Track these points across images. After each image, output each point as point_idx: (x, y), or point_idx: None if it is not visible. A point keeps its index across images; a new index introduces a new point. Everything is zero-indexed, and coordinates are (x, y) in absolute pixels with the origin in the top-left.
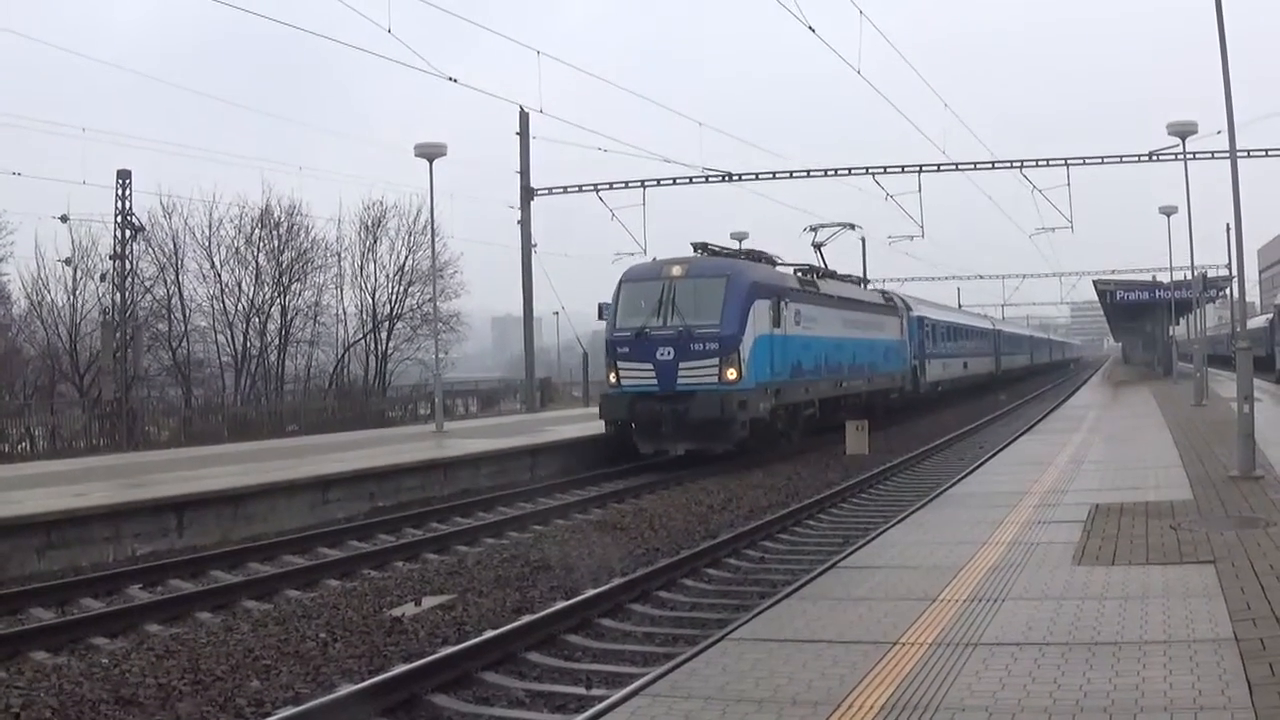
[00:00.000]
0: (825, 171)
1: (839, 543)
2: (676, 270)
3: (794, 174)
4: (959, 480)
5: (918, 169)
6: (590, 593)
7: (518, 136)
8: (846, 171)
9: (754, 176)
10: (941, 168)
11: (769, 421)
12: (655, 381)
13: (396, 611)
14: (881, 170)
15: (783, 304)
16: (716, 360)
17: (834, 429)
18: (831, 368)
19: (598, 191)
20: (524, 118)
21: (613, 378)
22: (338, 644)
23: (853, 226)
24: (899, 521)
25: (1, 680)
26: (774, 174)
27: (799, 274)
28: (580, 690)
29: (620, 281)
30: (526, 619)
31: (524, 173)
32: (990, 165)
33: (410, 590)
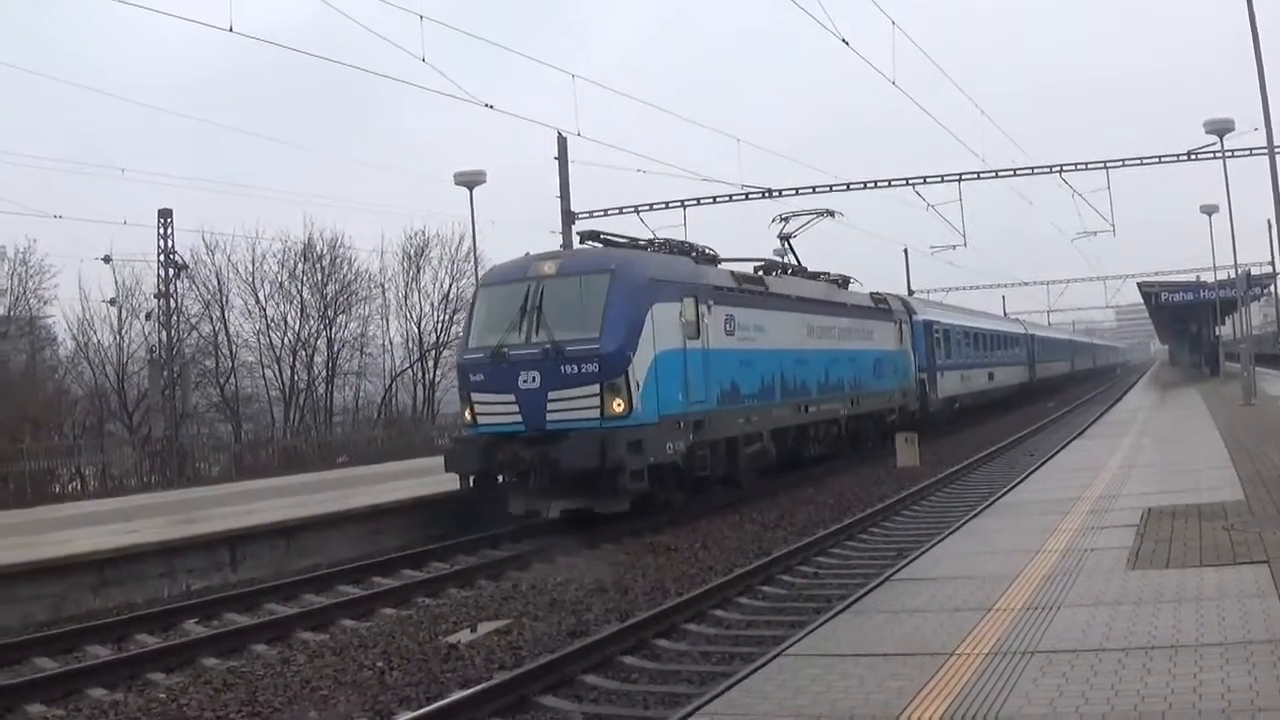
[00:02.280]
0: (865, 184)
1: (893, 555)
2: (547, 267)
3: (833, 187)
4: (1011, 489)
5: (957, 178)
6: (645, 614)
7: (556, 161)
8: (886, 183)
9: (794, 191)
10: (981, 175)
11: (684, 467)
12: (519, 418)
13: (452, 638)
14: (921, 180)
15: (704, 308)
16: (596, 387)
17: (801, 466)
18: (791, 388)
19: (638, 213)
20: (562, 142)
21: (467, 414)
22: (395, 672)
23: (830, 214)
24: (952, 532)
25: (61, 718)
26: (814, 188)
27: (739, 271)
28: (638, 712)
29: (477, 286)
30: (582, 642)
31: (564, 196)
32: (1029, 171)
33: (465, 617)
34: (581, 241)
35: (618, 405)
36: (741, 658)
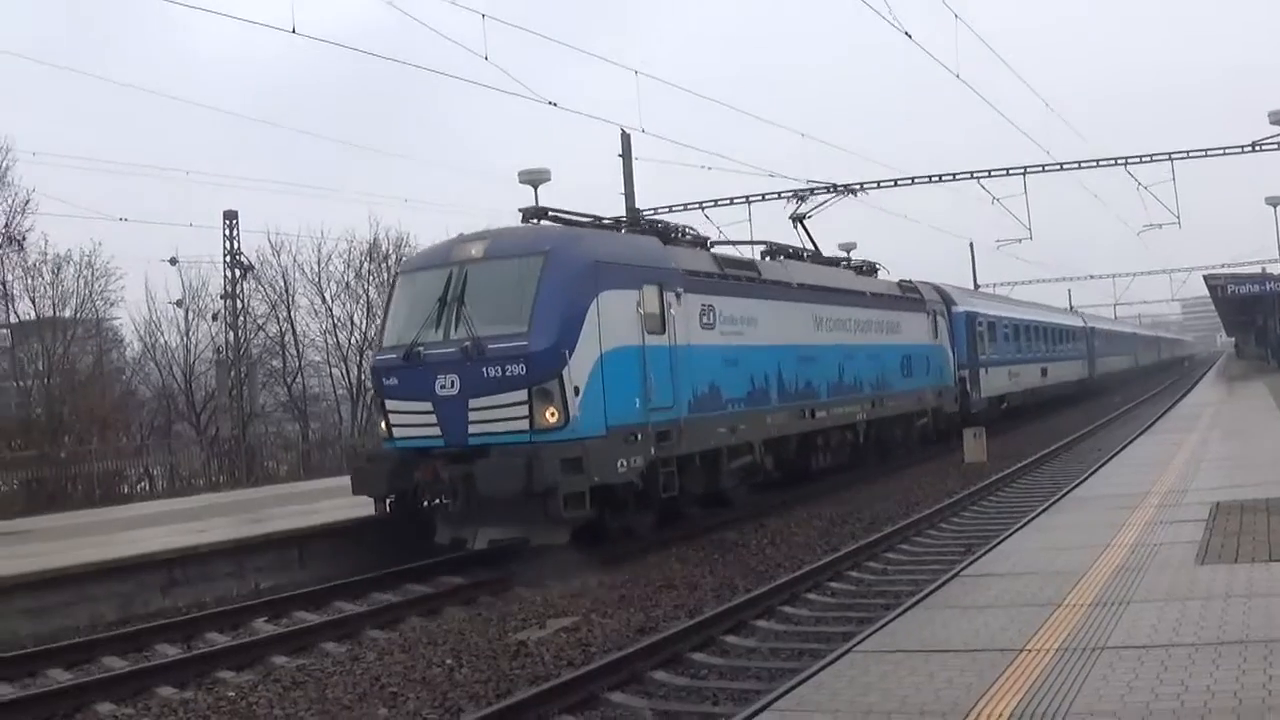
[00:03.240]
0: (929, 178)
1: (961, 551)
2: (474, 250)
3: (898, 182)
4: (1078, 484)
5: (1022, 170)
6: (714, 611)
7: (620, 158)
8: (950, 177)
9: (859, 186)
10: (1046, 168)
11: (644, 488)
12: (438, 430)
13: (521, 635)
14: (986, 174)
15: (672, 297)
16: (523, 392)
17: (802, 483)
18: (791, 390)
19: (703, 209)
20: (625, 139)
21: (383, 425)
22: (464, 669)
23: (852, 190)
24: (1020, 527)
25: (130, 716)
26: (878, 183)
27: (726, 255)
28: (707, 708)
29: (395, 274)
30: (651, 639)
31: (628, 194)
32: (1094, 164)
33: (534, 614)
34: (525, 220)
35: (550, 415)
36: (810, 654)
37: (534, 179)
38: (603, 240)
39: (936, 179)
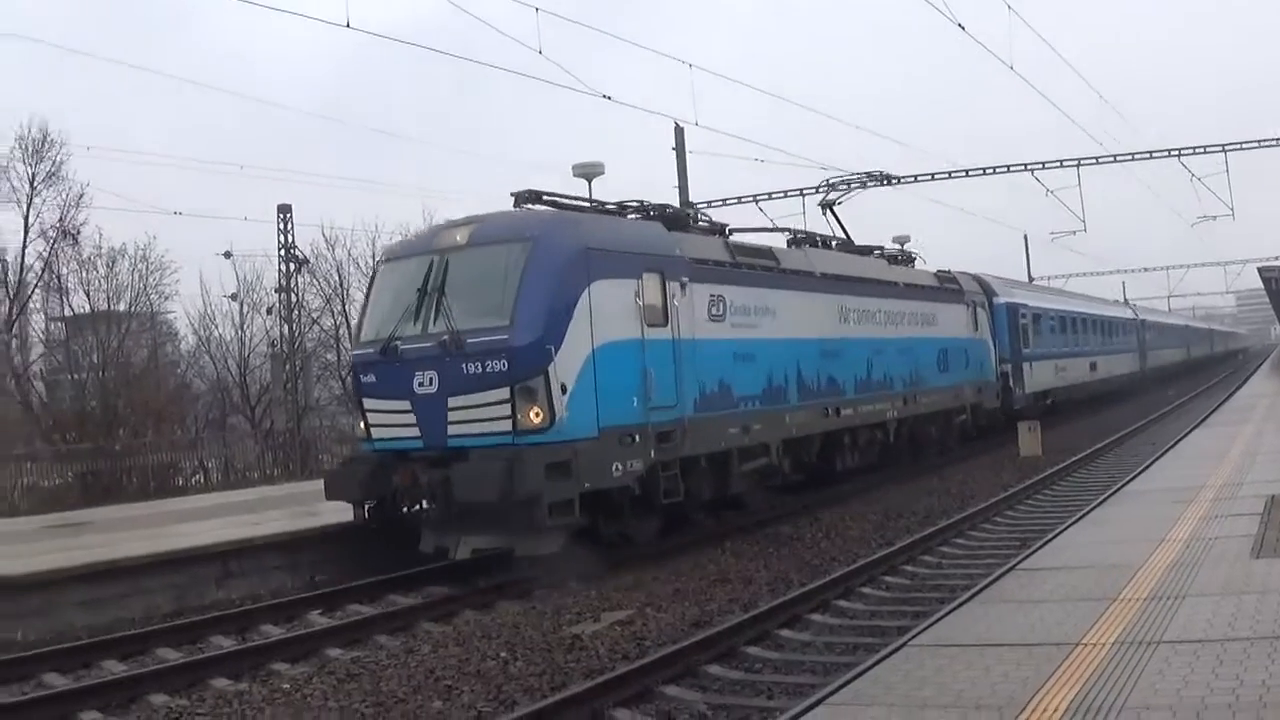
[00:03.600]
0: (984, 170)
1: (1016, 545)
2: (458, 236)
3: (952, 174)
4: (1133, 477)
5: (1076, 163)
6: (768, 604)
7: (674, 151)
8: (1005, 169)
9: (912, 179)
10: (1100, 160)
11: (642, 494)
12: (417, 431)
13: (576, 629)
14: (1039, 165)
15: (676, 286)
16: (505, 390)
17: (825, 484)
18: (814, 386)
19: (757, 202)
20: (679, 132)
21: (361, 426)
22: (518, 662)
23: (887, 178)
24: (1075, 521)
25: (184, 708)
26: (932, 175)
27: (742, 242)
28: (761, 702)
29: (377, 263)
30: (705, 632)
31: (682, 187)
32: (1148, 155)
33: (588, 607)
34: (516, 204)
35: (534, 415)
36: (865, 648)
37: (588, 173)
38: (596, 225)
39: (990, 170)
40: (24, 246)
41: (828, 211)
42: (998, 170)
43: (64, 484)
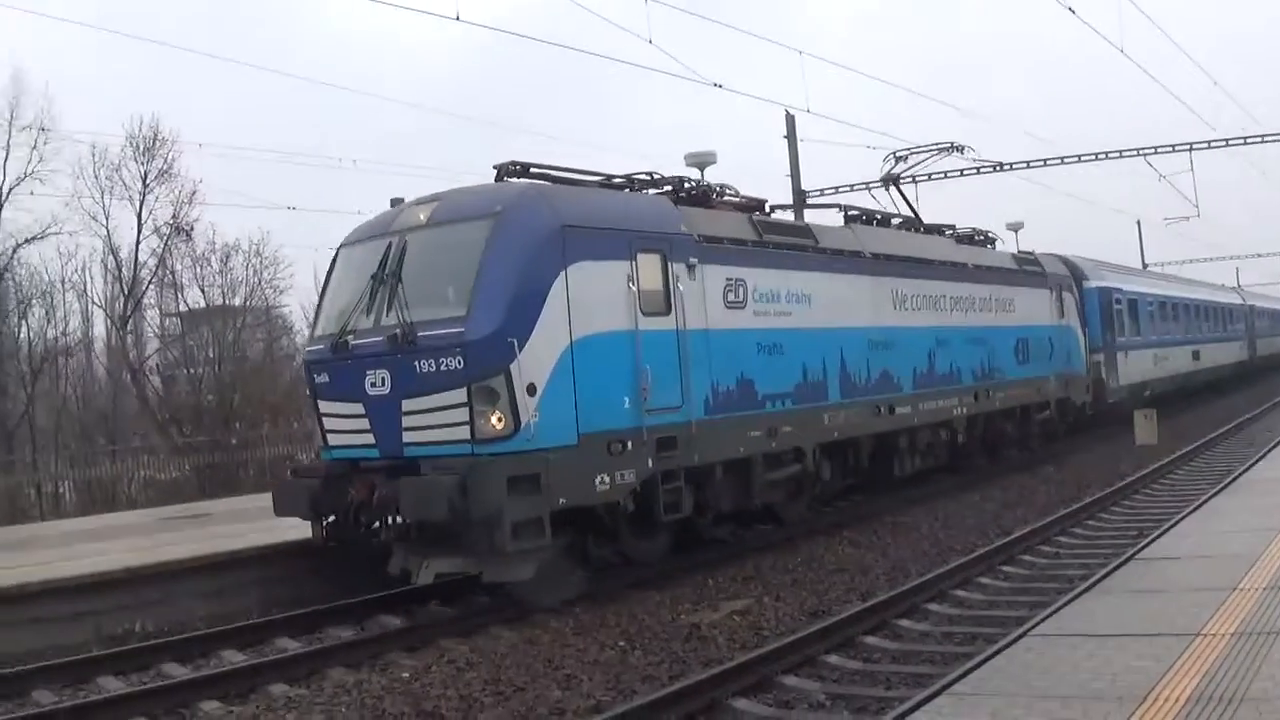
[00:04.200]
0: (1095, 155)
1: (1133, 535)
2: (420, 215)
3: (1064, 159)
4: (1251, 465)
5: (1188, 147)
6: (886, 594)
7: (785, 140)
8: (1117, 154)
9: (1024, 164)
10: (1212, 144)
11: (639, 510)
12: (372, 438)
13: (694, 618)
14: (1152, 150)
15: (681, 268)
16: (462, 392)
17: (896, 488)
18: (861, 381)
19: (869, 189)
20: (790, 120)
21: (318, 432)
22: (637, 652)
23: (958, 149)
24: (1192, 511)
25: (303, 697)
26: (1044, 161)
27: (769, 218)
28: (879, 692)
29: (337, 248)
30: (823, 622)
31: (794, 175)
32: (1260, 139)
33: (706, 596)
34: (499, 177)
35: (495, 420)
36: (984, 638)
37: (700, 161)
38: (577, 199)
39: (1102, 156)
40: (138, 243)
41: (891, 187)
42: (1109, 155)
43: (181, 477)
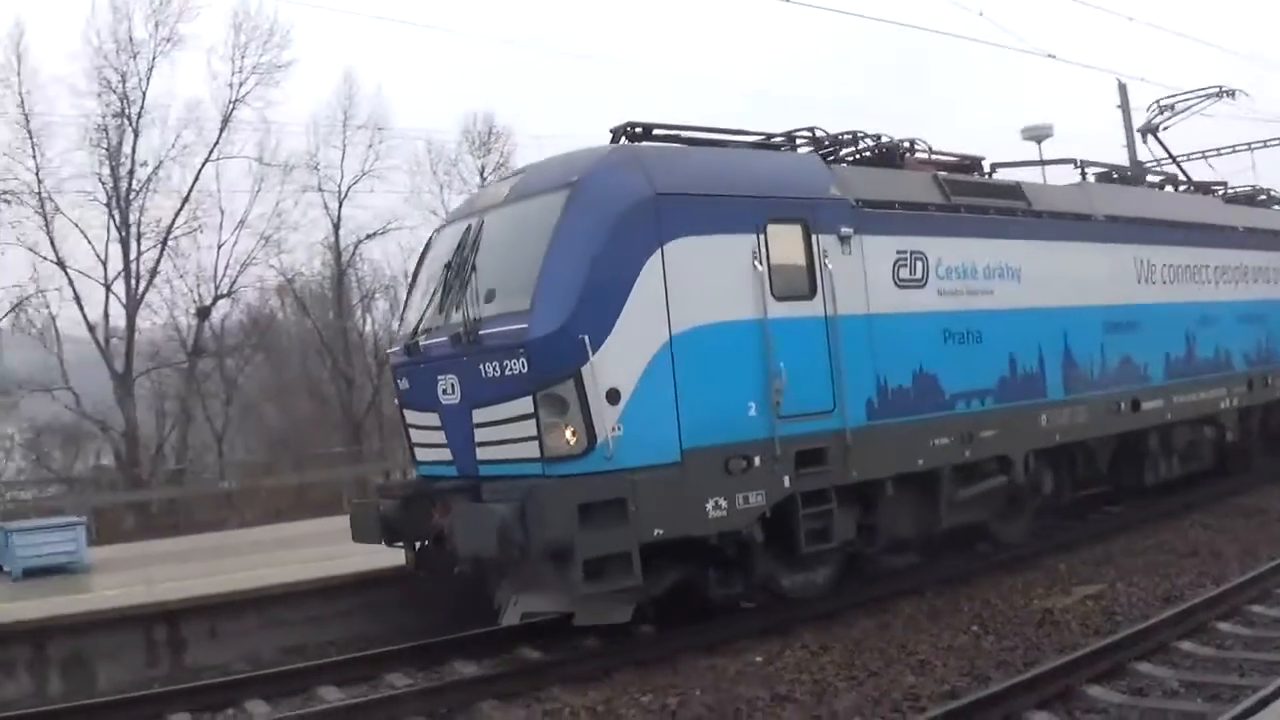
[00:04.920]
0: None
1: None
2: (503, 191)
3: None
4: None
5: None
6: (1238, 579)
7: (1119, 110)
8: None
9: (1234, 90)
10: None
11: (772, 538)
12: (449, 454)
13: (1047, 603)
14: None
15: (831, 242)
16: (528, 401)
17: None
18: (1092, 373)
19: (1205, 158)
20: (1122, 89)
21: (406, 445)
22: (990, 636)
23: (1229, 93)
24: None
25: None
26: None
27: (962, 178)
28: (1233, 679)
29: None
30: (1175, 608)
31: (1130, 146)
32: None
33: (1059, 581)
34: (614, 139)
35: (568, 434)
36: None
37: (1037, 134)
38: (683, 162)
39: None
40: None
41: (1149, 138)
42: None
43: None
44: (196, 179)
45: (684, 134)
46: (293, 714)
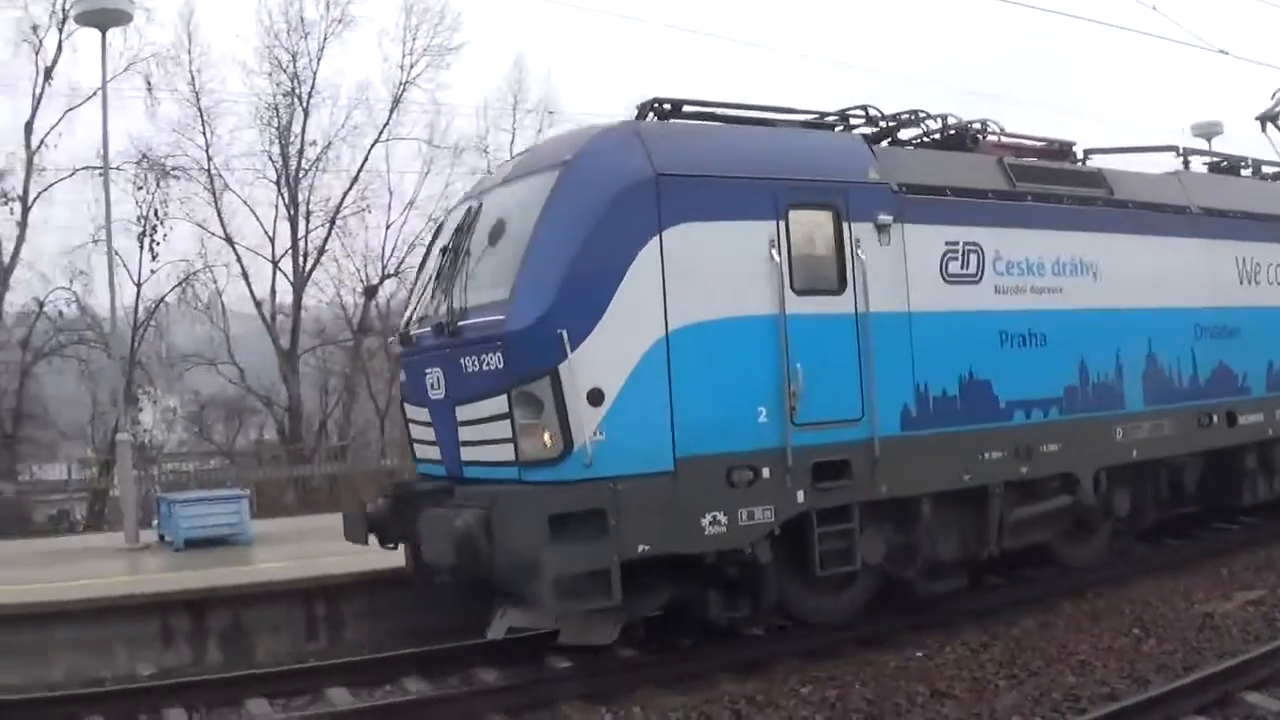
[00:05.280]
0: None
1: None
2: (508, 169)
3: None
4: None
5: None
6: None
7: None
8: None
9: None
10: None
11: (770, 561)
12: (439, 452)
13: (1207, 607)
14: None
15: (862, 230)
16: (503, 399)
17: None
18: (1179, 383)
19: None
20: None
21: (407, 442)
22: (1151, 640)
23: None
24: None
25: (819, 673)
26: None
27: (1037, 163)
28: None
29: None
30: None
31: None
32: None
33: (1219, 585)
34: (640, 115)
35: (543, 437)
36: None
37: (1207, 131)
38: (692, 139)
39: None
40: None
41: (1268, 126)
42: None
43: None
44: (366, 159)
45: (719, 111)
46: (368, 704)
